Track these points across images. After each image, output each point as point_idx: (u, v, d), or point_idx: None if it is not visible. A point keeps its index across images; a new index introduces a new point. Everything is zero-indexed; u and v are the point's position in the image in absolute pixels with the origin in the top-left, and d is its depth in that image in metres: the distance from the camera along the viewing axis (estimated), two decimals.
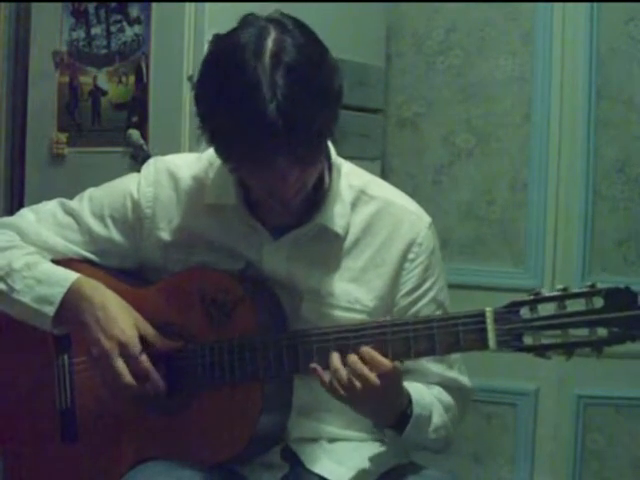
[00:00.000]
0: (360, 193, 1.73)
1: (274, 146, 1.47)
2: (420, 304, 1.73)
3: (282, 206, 1.60)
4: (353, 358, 1.55)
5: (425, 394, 1.69)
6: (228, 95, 1.49)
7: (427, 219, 1.76)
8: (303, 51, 1.50)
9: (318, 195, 1.68)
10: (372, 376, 1.54)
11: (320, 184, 1.68)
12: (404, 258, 1.71)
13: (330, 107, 1.52)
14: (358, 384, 1.54)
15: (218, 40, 1.56)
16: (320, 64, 1.53)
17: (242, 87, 1.47)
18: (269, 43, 1.49)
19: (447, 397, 1.75)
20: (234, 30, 1.54)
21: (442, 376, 1.75)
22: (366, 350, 1.56)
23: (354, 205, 1.72)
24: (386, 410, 1.62)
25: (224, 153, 1.56)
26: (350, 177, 1.73)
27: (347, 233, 1.71)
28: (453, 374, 1.76)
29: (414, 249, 1.72)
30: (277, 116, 1.44)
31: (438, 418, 1.70)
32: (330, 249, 1.71)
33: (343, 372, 1.55)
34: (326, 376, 1.57)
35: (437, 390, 1.74)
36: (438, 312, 1.73)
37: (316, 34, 1.56)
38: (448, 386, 1.76)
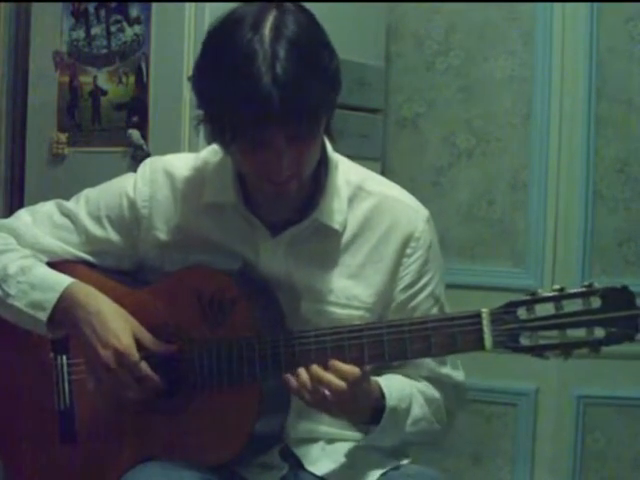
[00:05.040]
0: (357, 189, 1.72)
1: (269, 120, 1.46)
2: (418, 299, 1.72)
3: (278, 192, 1.59)
4: (314, 369, 1.55)
5: (405, 386, 1.68)
6: (224, 67, 1.49)
7: (425, 213, 1.74)
8: (304, 28, 1.52)
9: (315, 191, 1.68)
10: (336, 381, 1.54)
11: (317, 180, 1.68)
12: (402, 253, 1.70)
13: (328, 85, 1.53)
14: (324, 390, 1.54)
15: (217, 19, 1.56)
16: (320, 43, 1.54)
17: (237, 58, 1.48)
18: (269, 18, 1.50)
19: (432, 391, 1.73)
20: (233, 9, 1.55)
21: (433, 371, 1.73)
22: (331, 363, 1.55)
23: (351, 201, 1.71)
24: (358, 409, 1.61)
25: (220, 131, 1.55)
26: (347, 173, 1.72)
27: (345, 229, 1.70)
28: (445, 370, 1.74)
29: (412, 244, 1.71)
30: (273, 88, 1.45)
31: (418, 410, 1.68)
32: (328, 246, 1.70)
33: (307, 380, 1.55)
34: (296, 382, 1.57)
35: (423, 384, 1.73)
36: (435, 307, 1.73)
37: (315, 17, 1.57)
38: (440, 381, 1.74)
